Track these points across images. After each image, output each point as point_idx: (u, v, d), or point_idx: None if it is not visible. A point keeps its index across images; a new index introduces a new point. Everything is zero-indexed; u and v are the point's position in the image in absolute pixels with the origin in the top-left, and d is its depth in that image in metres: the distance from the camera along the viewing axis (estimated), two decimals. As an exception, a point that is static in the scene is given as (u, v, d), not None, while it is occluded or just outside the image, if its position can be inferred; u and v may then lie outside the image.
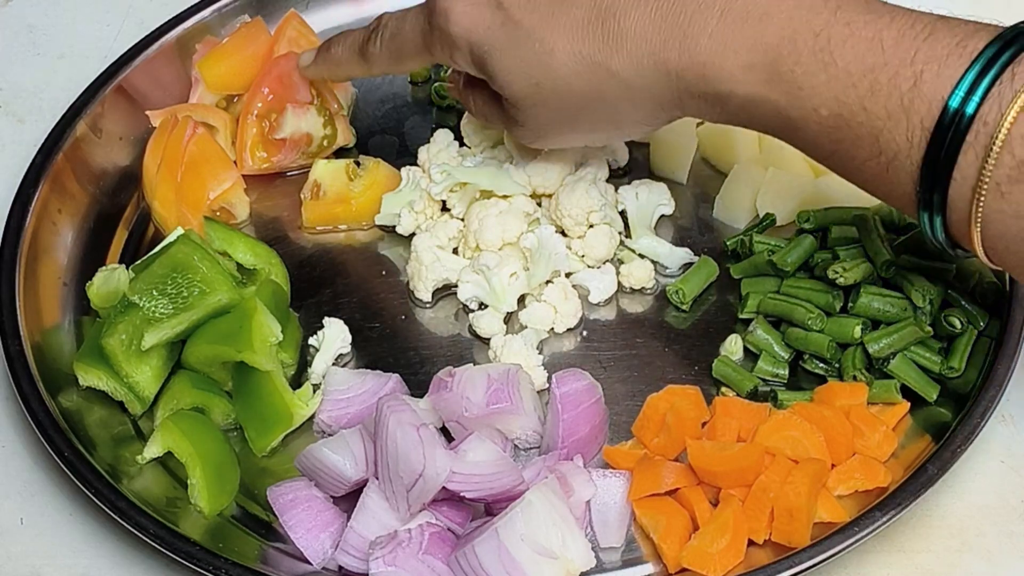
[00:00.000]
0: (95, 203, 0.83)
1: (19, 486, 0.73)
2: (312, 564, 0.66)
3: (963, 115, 0.56)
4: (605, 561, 0.67)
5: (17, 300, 0.74)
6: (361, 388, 0.72)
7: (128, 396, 0.72)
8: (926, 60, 0.58)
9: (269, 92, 0.84)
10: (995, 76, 0.56)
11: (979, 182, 0.56)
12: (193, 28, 0.90)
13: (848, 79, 0.59)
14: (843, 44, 0.60)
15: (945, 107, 0.56)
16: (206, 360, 0.72)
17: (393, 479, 0.64)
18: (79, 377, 0.72)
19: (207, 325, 0.72)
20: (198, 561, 0.64)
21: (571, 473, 0.67)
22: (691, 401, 0.71)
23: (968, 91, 0.56)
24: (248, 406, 0.72)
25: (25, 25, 0.99)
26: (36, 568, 0.69)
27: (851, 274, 0.73)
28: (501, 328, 0.77)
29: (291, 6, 0.92)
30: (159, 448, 0.70)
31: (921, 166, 0.58)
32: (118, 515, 0.66)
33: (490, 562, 0.61)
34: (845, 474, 0.67)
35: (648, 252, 0.80)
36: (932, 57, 0.58)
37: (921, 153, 0.58)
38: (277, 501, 0.67)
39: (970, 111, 0.56)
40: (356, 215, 0.83)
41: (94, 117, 0.84)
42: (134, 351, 0.71)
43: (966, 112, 0.56)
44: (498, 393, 0.69)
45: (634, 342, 0.77)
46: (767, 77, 0.62)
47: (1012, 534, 0.68)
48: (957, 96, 0.56)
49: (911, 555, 0.68)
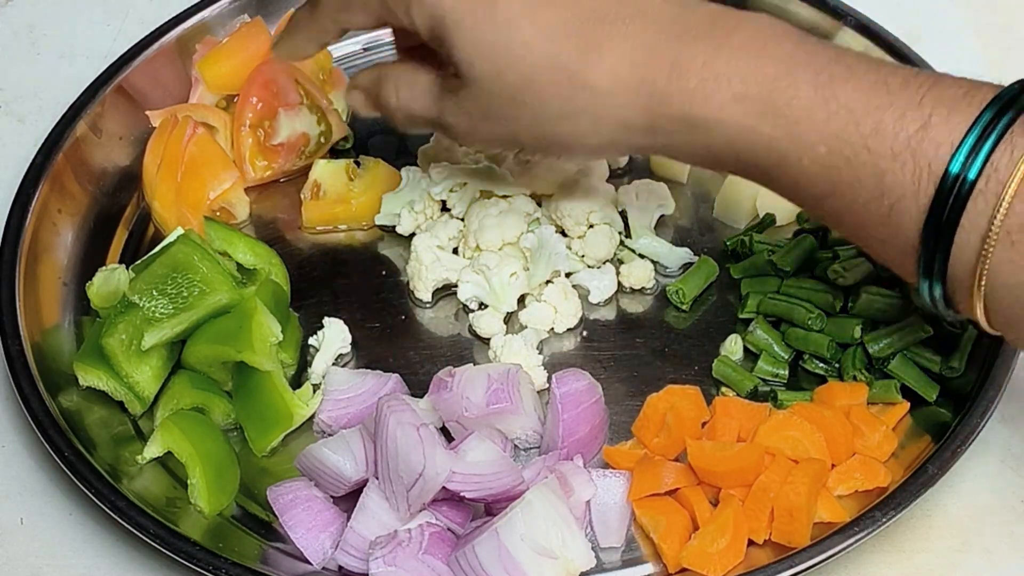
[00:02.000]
0: (95, 203, 0.83)
1: (19, 486, 0.73)
2: (312, 564, 0.66)
3: (976, 160, 0.54)
4: (605, 561, 0.67)
5: (17, 300, 0.74)
6: (361, 388, 0.72)
7: (128, 396, 0.72)
8: (934, 104, 0.56)
9: (257, 100, 0.84)
10: (1007, 124, 0.54)
11: (988, 231, 0.54)
12: (193, 28, 0.90)
13: (851, 116, 0.57)
14: (845, 83, 0.58)
15: (954, 154, 0.55)
16: (206, 360, 0.72)
17: (393, 479, 0.64)
18: (79, 377, 0.72)
19: (207, 325, 0.72)
20: (198, 561, 0.64)
21: (571, 473, 0.67)
22: (691, 401, 0.71)
23: (978, 139, 0.55)
24: (248, 406, 0.72)
25: (25, 25, 0.99)
26: (36, 568, 0.69)
27: (851, 274, 0.73)
28: (501, 328, 0.77)
29: (291, 6, 0.91)
30: (159, 448, 0.70)
31: (928, 209, 0.56)
32: (118, 515, 0.66)
33: (490, 562, 0.61)
34: (845, 474, 0.67)
35: (648, 252, 0.80)
36: (940, 101, 0.56)
37: (929, 197, 0.56)
38: (277, 501, 0.67)
39: (982, 155, 0.54)
40: (356, 215, 0.83)
41: (94, 117, 0.84)
42: (134, 351, 0.71)
43: (979, 156, 0.54)
44: (498, 393, 0.69)
45: (634, 342, 0.77)
46: (761, 109, 0.59)
47: (1012, 534, 0.68)
48: (967, 144, 0.55)
49: (911, 555, 0.68)
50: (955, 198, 0.55)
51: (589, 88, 0.62)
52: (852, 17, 0.88)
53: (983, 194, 0.54)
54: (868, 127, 0.57)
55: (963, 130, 0.55)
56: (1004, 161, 0.54)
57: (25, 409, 0.69)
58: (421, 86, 0.69)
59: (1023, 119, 0.55)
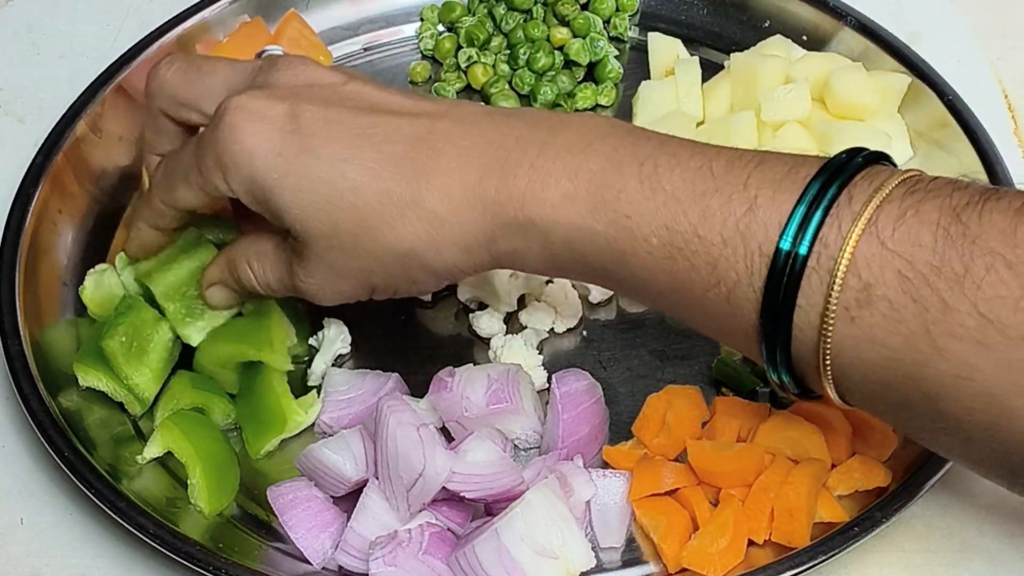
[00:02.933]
0: (95, 203, 0.83)
1: (19, 486, 0.73)
2: (312, 564, 0.66)
3: (805, 236, 0.53)
4: (605, 561, 0.67)
5: (17, 300, 0.74)
6: (361, 388, 0.72)
7: (128, 397, 0.72)
8: (759, 185, 0.55)
9: None
10: (833, 197, 0.53)
11: (826, 308, 0.53)
12: (193, 28, 0.89)
13: (678, 205, 0.56)
14: (670, 171, 0.57)
15: (783, 232, 0.54)
16: (221, 360, 0.72)
17: (393, 479, 0.64)
18: (79, 378, 0.71)
19: (225, 325, 0.72)
20: (198, 561, 0.64)
21: (571, 473, 0.67)
22: (691, 401, 0.71)
23: (804, 215, 0.53)
24: (248, 409, 0.72)
25: (25, 25, 0.99)
26: (36, 568, 0.69)
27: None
28: (501, 328, 0.77)
29: (291, 6, 0.92)
30: (159, 448, 0.70)
31: (763, 291, 0.55)
32: (118, 515, 0.65)
33: (490, 562, 0.61)
34: (845, 474, 0.67)
35: (648, 252, 0.80)
36: (765, 182, 0.55)
37: (763, 280, 0.54)
38: (277, 501, 0.67)
39: (811, 231, 0.53)
40: (356, 215, 0.83)
41: (94, 117, 0.84)
42: (134, 352, 0.71)
43: (807, 232, 0.53)
44: (498, 393, 0.69)
45: (634, 342, 0.77)
46: (592, 206, 0.58)
47: (1012, 534, 0.68)
48: (794, 221, 0.54)
49: (911, 555, 0.68)
50: (788, 277, 0.54)
51: (426, 215, 0.60)
52: (852, 17, 0.88)
53: (816, 271, 0.53)
54: (696, 215, 0.56)
55: (789, 208, 0.54)
56: (832, 236, 0.53)
57: (25, 409, 0.69)
58: (269, 255, 0.67)
59: (848, 191, 0.54)
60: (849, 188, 0.54)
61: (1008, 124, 0.89)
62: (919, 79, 0.84)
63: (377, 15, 0.95)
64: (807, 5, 0.89)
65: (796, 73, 0.84)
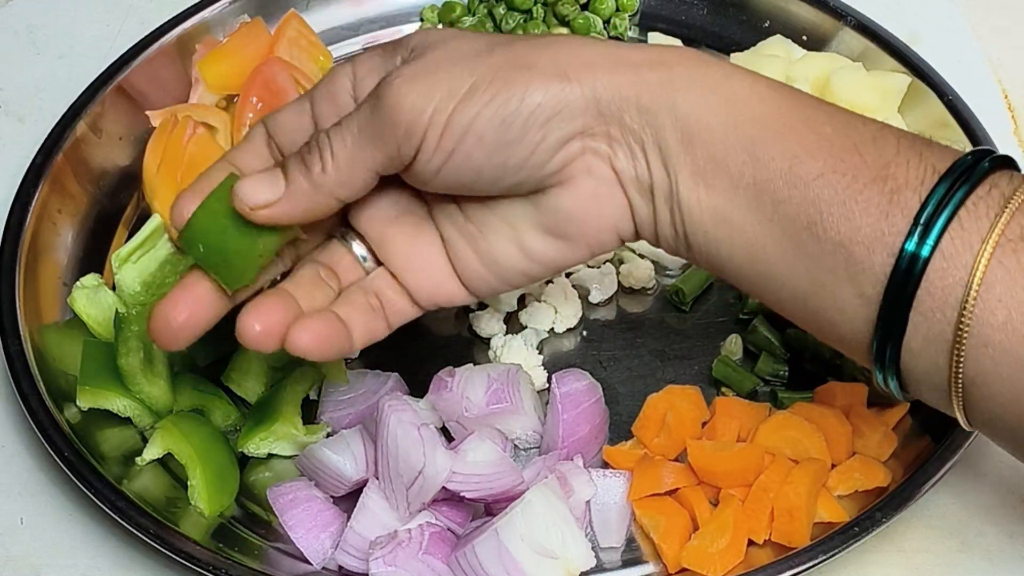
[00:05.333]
0: (95, 203, 0.83)
1: (19, 486, 0.73)
2: (312, 564, 0.66)
3: (924, 245, 0.51)
4: (605, 561, 0.67)
5: (17, 300, 0.74)
6: (361, 388, 0.72)
7: (138, 411, 0.71)
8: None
9: (257, 100, 0.83)
10: (960, 202, 0.51)
11: (960, 319, 0.50)
12: (193, 28, 0.89)
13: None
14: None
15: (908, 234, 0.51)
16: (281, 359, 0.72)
17: (393, 479, 0.64)
18: (80, 403, 0.70)
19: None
20: (198, 561, 0.64)
21: (571, 473, 0.67)
22: (691, 401, 0.71)
23: (927, 222, 0.51)
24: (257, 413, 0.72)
25: (25, 25, 0.99)
26: (36, 568, 0.69)
27: (851, 274, 0.73)
28: (501, 328, 0.77)
29: (291, 6, 0.92)
30: (159, 449, 0.70)
31: (884, 288, 0.52)
32: (118, 515, 0.66)
33: (490, 562, 0.61)
34: (845, 474, 0.67)
35: (648, 252, 0.80)
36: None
37: (886, 276, 0.52)
38: (277, 501, 0.67)
39: (932, 238, 0.51)
40: (356, 215, 0.83)
41: (94, 117, 0.84)
42: (149, 365, 0.70)
43: (927, 243, 0.51)
44: (498, 393, 0.69)
45: (634, 342, 0.77)
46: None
47: (1012, 534, 0.68)
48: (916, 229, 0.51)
49: (911, 555, 0.68)
50: (908, 277, 0.51)
51: None
52: (852, 17, 0.88)
53: (940, 276, 0.51)
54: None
55: (915, 208, 0.51)
56: (959, 244, 0.50)
57: (25, 409, 0.69)
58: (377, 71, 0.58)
59: (974, 196, 0.51)
60: (975, 193, 0.51)
61: (1008, 124, 0.89)
62: (919, 79, 0.84)
63: (377, 15, 0.95)
64: (807, 5, 0.89)
65: (796, 73, 0.84)
